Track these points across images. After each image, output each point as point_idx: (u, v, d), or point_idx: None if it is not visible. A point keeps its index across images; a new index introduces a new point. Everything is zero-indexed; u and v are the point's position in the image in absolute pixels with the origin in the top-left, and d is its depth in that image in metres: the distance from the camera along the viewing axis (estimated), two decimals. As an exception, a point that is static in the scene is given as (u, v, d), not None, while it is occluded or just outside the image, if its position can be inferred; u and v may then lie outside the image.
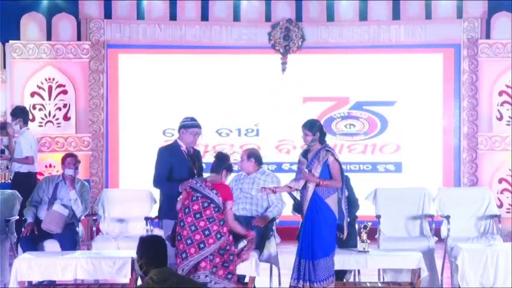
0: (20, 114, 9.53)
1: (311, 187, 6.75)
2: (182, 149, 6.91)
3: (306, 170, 6.75)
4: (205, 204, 6.40)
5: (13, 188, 8.56)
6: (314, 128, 6.85)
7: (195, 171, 6.86)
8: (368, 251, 7.02)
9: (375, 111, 11.10)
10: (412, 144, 11.06)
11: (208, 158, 9.40)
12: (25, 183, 8.97)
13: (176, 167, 6.83)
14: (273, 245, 7.42)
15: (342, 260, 6.90)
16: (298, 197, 6.97)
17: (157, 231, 7.36)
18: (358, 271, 7.49)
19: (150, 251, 4.79)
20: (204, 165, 7.19)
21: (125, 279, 6.83)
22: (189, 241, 6.32)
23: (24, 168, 9.34)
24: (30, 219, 7.58)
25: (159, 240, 4.90)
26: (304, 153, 6.95)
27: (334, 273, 6.77)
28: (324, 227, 6.72)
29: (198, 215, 6.36)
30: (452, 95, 11.01)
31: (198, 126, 6.96)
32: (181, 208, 6.46)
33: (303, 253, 6.76)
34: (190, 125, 6.94)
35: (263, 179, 7.59)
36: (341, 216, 6.87)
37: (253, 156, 7.69)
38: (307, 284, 6.67)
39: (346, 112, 11.11)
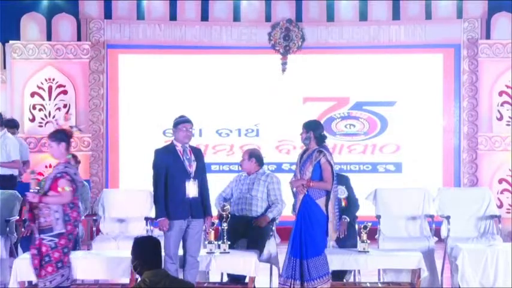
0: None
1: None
2: (178, 149, 6.80)
3: (296, 176, 6.81)
4: None
5: None
6: (308, 126, 6.86)
7: (190, 171, 6.78)
8: (368, 251, 7.02)
9: (375, 111, 11.09)
10: (412, 145, 11.05)
11: (209, 158, 9.41)
12: (7, 186, 8.65)
13: (171, 168, 6.77)
14: (273, 245, 7.42)
15: (342, 260, 6.91)
16: None
17: (158, 232, 7.35)
18: (358, 271, 7.49)
19: (144, 252, 4.78)
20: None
21: (125, 279, 6.84)
22: None
23: (8, 171, 8.91)
24: (30, 219, 7.57)
25: (153, 241, 4.88)
26: (302, 154, 6.95)
27: (328, 272, 6.72)
28: (315, 227, 6.71)
29: None
30: (452, 95, 11.01)
31: (186, 121, 6.81)
32: None
33: (293, 251, 6.74)
34: (179, 122, 6.85)
35: (263, 179, 7.60)
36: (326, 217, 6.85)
37: (254, 156, 7.69)
38: (298, 283, 6.65)
39: (346, 112, 11.11)
